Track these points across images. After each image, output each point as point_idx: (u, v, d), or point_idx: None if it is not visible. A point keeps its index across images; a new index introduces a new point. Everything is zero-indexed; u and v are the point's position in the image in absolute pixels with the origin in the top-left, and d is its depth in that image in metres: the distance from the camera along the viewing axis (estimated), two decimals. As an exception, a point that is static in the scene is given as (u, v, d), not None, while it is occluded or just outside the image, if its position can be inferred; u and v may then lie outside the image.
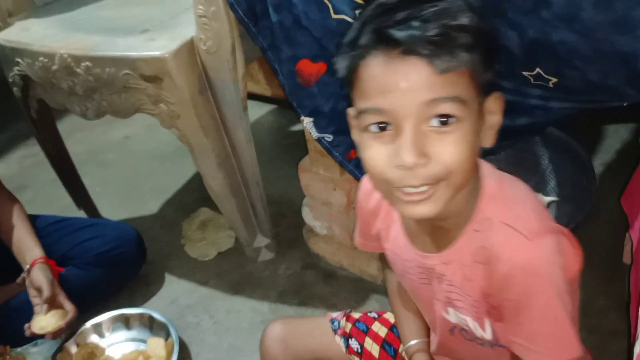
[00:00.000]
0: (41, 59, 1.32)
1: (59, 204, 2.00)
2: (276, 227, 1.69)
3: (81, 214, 1.89)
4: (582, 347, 0.68)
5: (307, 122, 1.14)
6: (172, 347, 1.33)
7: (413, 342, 0.91)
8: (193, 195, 1.98)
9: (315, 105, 1.11)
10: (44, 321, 1.26)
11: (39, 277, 1.29)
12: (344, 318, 1.01)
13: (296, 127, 2.27)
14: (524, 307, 0.66)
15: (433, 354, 0.91)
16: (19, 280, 1.33)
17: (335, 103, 1.11)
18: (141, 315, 1.44)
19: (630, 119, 1.88)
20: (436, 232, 0.74)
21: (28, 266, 1.32)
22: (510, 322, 0.69)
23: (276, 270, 1.60)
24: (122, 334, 1.45)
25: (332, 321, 1.01)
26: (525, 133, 1.15)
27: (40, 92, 1.46)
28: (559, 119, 0.99)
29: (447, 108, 0.60)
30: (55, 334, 1.28)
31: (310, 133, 1.16)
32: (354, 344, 0.97)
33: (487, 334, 0.75)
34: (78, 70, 1.27)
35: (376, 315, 1.02)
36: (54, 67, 1.30)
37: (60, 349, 1.36)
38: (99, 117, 1.38)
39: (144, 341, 1.40)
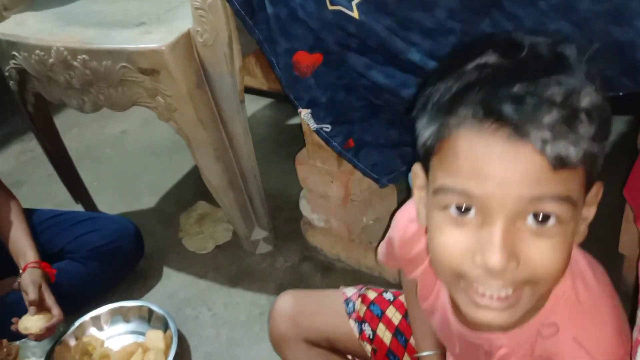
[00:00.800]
0: (37, 52, 1.31)
1: (56, 199, 2.00)
2: (274, 220, 1.69)
3: (79, 208, 1.89)
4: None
5: (304, 114, 1.14)
6: (170, 339, 1.33)
7: (428, 353, 0.88)
8: (190, 190, 1.98)
9: (312, 97, 1.11)
10: (30, 322, 1.27)
11: (26, 281, 1.31)
12: (359, 299, 0.98)
13: (293, 121, 2.27)
14: None
15: None
16: (15, 285, 1.34)
17: (332, 93, 1.11)
18: (140, 308, 1.45)
19: (626, 112, 1.88)
20: None
21: (21, 271, 1.33)
22: None
23: (274, 263, 1.60)
24: (121, 327, 1.45)
25: (347, 302, 0.98)
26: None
27: (37, 85, 1.46)
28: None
29: (553, 208, 0.50)
30: (37, 337, 1.28)
31: (309, 125, 1.17)
32: (367, 329, 0.96)
33: None
34: (75, 63, 1.27)
35: (392, 298, 0.98)
36: (51, 61, 1.30)
37: (59, 342, 1.37)
38: (96, 110, 1.38)
39: (142, 334, 1.41)
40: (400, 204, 1.53)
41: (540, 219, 0.51)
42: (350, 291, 1.01)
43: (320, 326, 0.98)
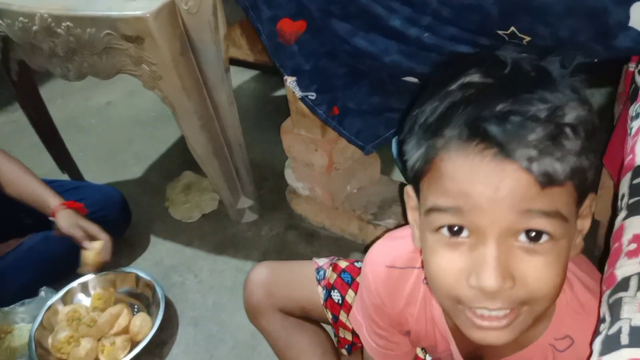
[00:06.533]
0: (21, 19, 1.31)
1: (42, 169, 1.99)
2: (259, 189, 1.71)
3: (65, 178, 1.89)
4: None
5: (290, 82, 1.15)
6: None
7: None
8: (176, 160, 1.99)
9: (296, 64, 1.12)
10: (88, 258, 1.38)
11: (64, 224, 1.37)
12: (330, 268, 1.00)
13: (278, 93, 2.28)
14: None
15: None
16: (55, 232, 1.40)
17: (315, 61, 1.12)
18: (127, 275, 1.46)
19: (605, 84, 1.91)
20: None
21: (51, 217, 1.39)
22: None
23: (259, 231, 1.63)
24: (109, 294, 1.47)
25: (318, 270, 1.01)
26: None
27: (21, 53, 1.45)
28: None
29: (543, 224, 0.50)
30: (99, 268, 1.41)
31: (294, 92, 1.18)
32: (335, 295, 0.98)
33: None
34: (59, 30, 1.27)
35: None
36: (34, 28, 1.29)
37: (48, 308, 1.39)
38: (81, 78, 1.38)
39: (130, 300, 1.43)
40: (383, 172, 1.55)
41: (532, 236, 0.51)
42: (322, 261, 1.03)
43: (294, 295, 0.99)
